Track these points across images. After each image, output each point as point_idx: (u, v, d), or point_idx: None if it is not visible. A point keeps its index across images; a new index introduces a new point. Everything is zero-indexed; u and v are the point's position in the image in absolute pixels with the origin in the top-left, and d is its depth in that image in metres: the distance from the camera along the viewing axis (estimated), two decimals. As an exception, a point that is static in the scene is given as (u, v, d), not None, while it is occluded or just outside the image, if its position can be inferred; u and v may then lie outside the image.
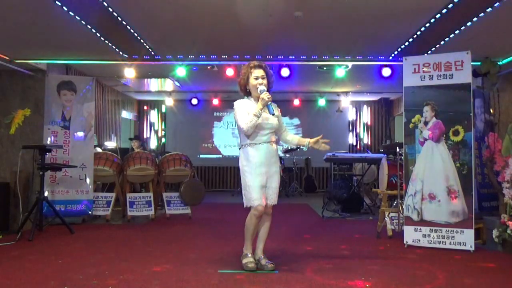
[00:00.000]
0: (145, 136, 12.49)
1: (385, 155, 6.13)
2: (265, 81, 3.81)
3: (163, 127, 12.68)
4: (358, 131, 12.57)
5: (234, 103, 3.89)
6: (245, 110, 3.77)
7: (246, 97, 3.94)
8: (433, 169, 4.82)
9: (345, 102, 11.57)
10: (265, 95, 3.68)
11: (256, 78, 3.80)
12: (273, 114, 3.74)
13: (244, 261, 3.82)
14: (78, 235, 5.46)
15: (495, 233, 4.66)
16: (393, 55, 6.09)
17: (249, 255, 3.84)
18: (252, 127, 3.71)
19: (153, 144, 12.49)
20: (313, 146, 3.98)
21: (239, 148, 3.93)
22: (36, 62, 6.43)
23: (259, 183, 3.75)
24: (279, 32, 5.22)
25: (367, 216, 7.25)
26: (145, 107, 12.59)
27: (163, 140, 12.64)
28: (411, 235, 4.86)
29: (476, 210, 4.95)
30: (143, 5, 4.35)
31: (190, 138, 12.34)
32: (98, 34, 5.19)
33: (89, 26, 4.89)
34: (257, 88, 3.77)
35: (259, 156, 3.78)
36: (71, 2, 4.24)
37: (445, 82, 4.85)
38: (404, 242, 4.88)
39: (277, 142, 4.01)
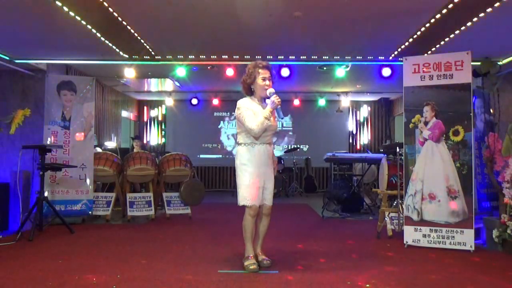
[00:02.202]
0: (145, 136, 12.49)
1: (385, 155, 6.13)
2: (271, 83, 3.83)
3: (163, 127, 12.68)
4: (358, 131, 12.57)
5: (238, 102, 3.84)
6: (251, 111, 3.75)
7: (248, 96, 3.91)
8: (433, 169, 4.82)
9: (345, 102, 11.57)
10: (276, 99, 3.69)
11: (264, 79, 3.79)
12: (282, 118, 3.75)
13: (246, 263, 3.80)
14: (78, 235, 5.46)
15: (495, 233, 4.66)
16: (393, 55, 6.09)
17: (251, 257, 3.83)
18: (263, 130, 3.72)
19: (153, 144, 12.49)
20: (271, 107, 3.76)
21: (238, 146, 3.88)
22: (36, 62, 6.43)
23: (256, 183, 3.74)
24: (279, 32, 5.22)
25: (367, 216, 7.24)
26: (145, 107, 12.60)
27: (163, 140, 12.64)
28: (411, 235, 4.86)
29: (476, 210, 4.95)
30: (143, 5, 4.35)
31: (190, 138, 12.34)
32: (98, 34, 5.19)
33: (89, 26, 4.89)
34: (265, 89, 3.77)
35: (260, 156, 3.79)
36: (71, 2, 4.24)
37: (445, 82, 4.85)
38: (404, 242, 4.88)
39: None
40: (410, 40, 5.36)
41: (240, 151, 3.83)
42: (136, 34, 5.27)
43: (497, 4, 4.11)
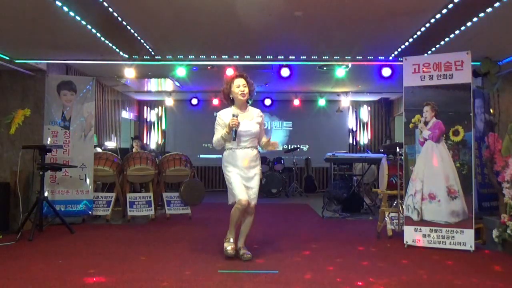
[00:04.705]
0: (145, 136, 12.49)
1: (385, 155, 6.13)
2: (246, 89, 4.22)
3: (163, 127, 12.68)
4: (358, 131, 12.56)
5: (218, 113, 4.31)
6: (222, 124, 4.20)
7: (230, 105, 4.31)
8: (433, 169, 4.82)
9: (345, 102, 11.56)
10: (231, 121, 4.06)
11: (238, 86, 4.21)
12: (234, 140, 4.11)
13: (225, 244, 4.20)
14: (78, 235, 5.46)
15: (495, 233, 4.66)
16: (393, 55, 6.09)
17: (232, 240, 4.21)
18: (218, 146, 4.23)
19: (153, 144, 12.48)
20: (264, 147, 4.32)
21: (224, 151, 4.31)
22: (36, 62, 6.42)
23: (240, 180, 4.14)
24: (279, 32, 5.22)
25: (367, 216, 7.25)
26: (145, 107, 12.60)
27: (163, 140, 12.63)
28: (411, 235, 4.86)
29: (476, 210, 4.95)
30: (143, 5, 4.35)
31: (190, 138, 12.33)
32: (98, 34, 5.18)
33: (89, 26, 4.89)
34: (241, 94, 4.17)
35: (240, 160, 4.16)
36: (71, 2, 4.24)
37: (445, 82, 4.86)
38: (404, 242, 4.88)
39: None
40: (410, 40, 5.35)
41: (223, 156, 4.28)
42: (136, 34, 5.27)
43: (497, 4, 4.10)
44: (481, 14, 4.37)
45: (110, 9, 4.43)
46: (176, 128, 12.54)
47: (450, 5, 4.20)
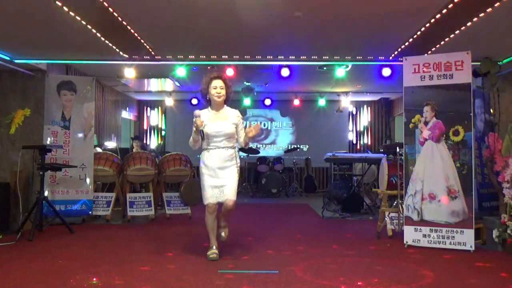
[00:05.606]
0: (144, 136, 12.48)
1: (385, 155, 6.13)
2: (223, 91, 4.25)
3: (163, 127, 12.67)
4: (358, 131, 12.56)
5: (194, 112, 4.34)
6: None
7: (208, 106, 4.36)
8: (433, 169, 4.82)
9: (345, 102, 11.55)
10: (197, 120, 4.16)
11: (215, 88, 4.24)
12: (203, 139, 4.21)
13: (208, 252, 4.25)
14: (78, 235, 5.46)
15: (495, 233, 4.66)
16: (393, 55, 6.09)
17: (214, 247, 4.27)
18: (193, 147, 4.31)
19: (153, 144, 12.48)
20: (249, 136, 4.24)
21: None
22: (36, 62, 6.42)
23: (211, 184, 4.20)
24: (279, 32, 5.22)
25: (367, 216, 7.25)
26: (145, 107, 12.59)
27: (163, 140, 12.63)
28: (411, 235, 4.86)
29: (476, 210, 4.95)
30: (143, 5, 4.35)
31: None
32: (98, 34, 5.18)
33: (89, 26, 4.89)
34: (216, 97, 4.20)
35: (213, 159, 4.22)
36: (71, 2, 4.24)
37: (445, 82, 4.86)
38: (404, 242, 4.88)
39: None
40: (410, 40, 5.35)
41: (201, 156, 4.34)
42: (136, 34, 5.27)
43: (497, 4, 4.10)
44: (481, 14, 4.37)
45: (110, 9, 4.43)
46: (176, 128, 12.53)
47: (450, 5, 4.20)
